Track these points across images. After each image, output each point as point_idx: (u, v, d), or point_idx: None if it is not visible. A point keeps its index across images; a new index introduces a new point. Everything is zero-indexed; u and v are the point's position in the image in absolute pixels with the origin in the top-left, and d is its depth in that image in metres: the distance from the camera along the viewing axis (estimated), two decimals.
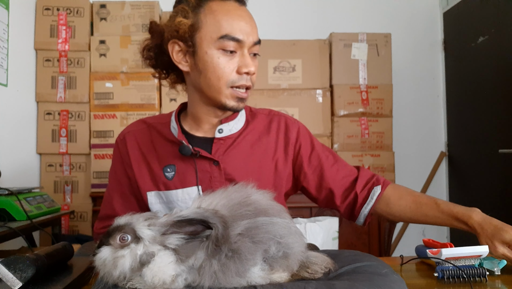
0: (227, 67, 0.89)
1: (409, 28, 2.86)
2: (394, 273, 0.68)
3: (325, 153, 1.03)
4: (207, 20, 0.89)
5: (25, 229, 1.45)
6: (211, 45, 0.89)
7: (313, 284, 0.61)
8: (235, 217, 0.65)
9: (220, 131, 0.97)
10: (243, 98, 0.93)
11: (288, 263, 0.66)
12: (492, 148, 2.36)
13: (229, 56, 0.89)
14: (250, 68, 0.90)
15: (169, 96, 2.32)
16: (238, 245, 0.61)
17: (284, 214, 0.71)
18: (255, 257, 0.62)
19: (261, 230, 0.64)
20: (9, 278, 0.62)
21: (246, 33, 0.89)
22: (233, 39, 0.88)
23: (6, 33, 2.00)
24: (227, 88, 0.90)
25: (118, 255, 0.59)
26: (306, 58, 2.41)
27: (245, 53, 0.90)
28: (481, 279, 0.79)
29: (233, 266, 0.60)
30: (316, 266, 0.69)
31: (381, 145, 2.39)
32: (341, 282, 0.62)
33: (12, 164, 2.03)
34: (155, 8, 2.35)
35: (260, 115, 1.05)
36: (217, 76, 0.89)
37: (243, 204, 0.67)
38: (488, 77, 2.45)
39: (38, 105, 2.28)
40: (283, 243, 0.65)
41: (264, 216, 0.66)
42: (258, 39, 0.93)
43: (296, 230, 0.70)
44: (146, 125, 1.03)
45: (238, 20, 0.89)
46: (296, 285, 0.61)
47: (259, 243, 0.63)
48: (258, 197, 0.70)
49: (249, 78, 0.92)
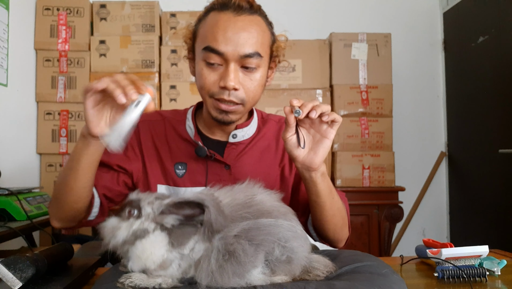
0: (208, 78, 0.88)
1: (409, 28, 2.86)
2: (394, 273, 0.68)
3: None
4: (200, 31, 0.91)
5: (25, 229, 1.45)
6: (200, 55, 0.89)
7: (313, 284, 0.61)
8: (234, 218, 0.65)
9: (234, 136, 0.97)
10: (227, 111, 0.89)
11: (290, 268, 0.65)
12: (492, 148, 2.36)
13: (211, 68, 0.87)
14: (227, 83, 0.85)
15: (169, 96, 2.32)
16: (234, 247, 0.61)
17: (290, 216, 0.70)
18: (255, 259, 0.62)
19: (262, 231, 0.63)
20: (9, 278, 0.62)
21: (232, 45, 0.84)
22: (212, 50, 0.85)
23: (6, 33, 2.00)
24: (209, 98, 0.90)
25: (118, 226, 0.63)
26: (306, 58, 2.41)
27: (230, 67, 0.85)
28: (481, 279, 0.79)
29: (230, 268, 0.60)
30: (318, 271, 0.68)
31: (381, 145, 2.39)
32: (341, 282, 0.62)
33: (12, 164, 2.03)
34: (155, 8, 2.35)
35: (271, 121, 1.06)
36: (200, 86, 0.90)
37: (245, 205, 0.67)
38: (488, 77, 2.45)
39: (38, 105, 2.28)
40: (287, 247, 0.64)
41: (267, 217, 0.65)
42: (254, 52, 0.86)
43: (302, 233, 0.70)
44: (162, 118, 1.03)
45: (224, 32, 0.85)
46: (296, 285, 0.61)
47: (260, 245, 0.62)
48: (264, 198, 0.69)
49: (232, 93, 0.86)
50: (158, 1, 2.37)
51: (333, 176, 2.37)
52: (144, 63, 2.31)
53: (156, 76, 2.31)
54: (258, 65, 0.89)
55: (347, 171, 2.35)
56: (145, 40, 2.33)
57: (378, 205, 2.34)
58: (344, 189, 2.30)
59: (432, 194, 2.88)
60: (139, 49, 2.32)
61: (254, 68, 0.88)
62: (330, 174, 2.38)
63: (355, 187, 2.34)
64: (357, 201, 2.32)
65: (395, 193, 2.36)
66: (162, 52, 2.34)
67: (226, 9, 0.87)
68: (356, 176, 2.35)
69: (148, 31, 2.35)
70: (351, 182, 2.34)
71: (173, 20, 2.38)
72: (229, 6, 0.87)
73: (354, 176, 2.35)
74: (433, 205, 2.89)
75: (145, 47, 2.32)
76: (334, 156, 2.37)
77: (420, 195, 2.86)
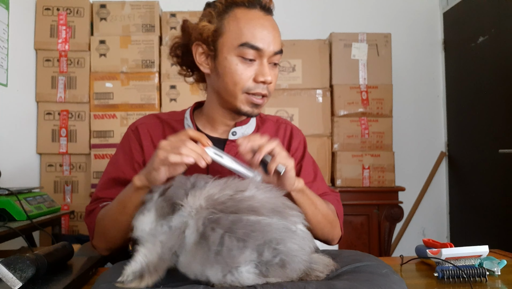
0: (244, 74, 0.91)
1: (409, 28, 2.86)
2: (394, 273, 0.68)
3: (308, 170, 1.05)
4: (230, 27, 0.91)
5: (25, 229, 1.45)
6: (231, 51, 0.91)
7: (313, 284, 0.61)
8: (217, 209, 0.64)
9: (234, 133, 1.00)
10: (258, 105, 0.94)
11: (285, 272, 0.62)
12: (492, 148, 2.36)
13: (247, 64, 0.91)
14: (266, 78, 0.91)
15: (169, 96, 2.32)
16: (208, 234, 0.60)
17: (289, 213, 0.66)
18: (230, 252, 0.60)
19: (242, 228, 0.61)
20: (9, 278, 0.62)
21: (267, 42, 0.90)
22: (252, 47, 0.89)
23: (6, 33, 2.00)
24: (242, 93, 0.92)
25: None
26: (306, 58, 2.41)
27: (264, 62, 0.91)
28: (481, 279, 0.79)
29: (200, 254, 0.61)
30: (317, 272, 0.66)
31: (381, 145, 2.39)
32: (341, 282, 0.62)
33: (12, 164, 2.03)
34: (155, 8, 2.35)
35: (269, 121, 1.09)
36: (233, 82, 0.92)
37: (229, 199, 0.65)
38: (488, 77, 2.45)
39: (38, 105, 2.28)
40: (279, 250, 0.61)
41: (253, 215, 0.62)
42: (280, 49, 0.94)
43: (303, 233, 0.66)
44: (159, 120, 1.05)
45: (261, 29, 0.90)
46: (296, 285, 0.61)
47: (243, 241, 0.60)
48: (256, 194, 0.66)
49: (265, 87, 0.93)
50: (158, 1, 2.37)
51: (333, 176, 2.37)
52: (144, 63, 2.31)
53: (156, 76, 2.31)
54: (279, 61, 0.96)
55: (347, 171, 2.35)
56: (145, 40, 2.33)
57: (378, 205, 2.34)
58: (344, 189, 2.31)
59: (432, 194, 2.88)
60: (139, 49, 2.32)
61: (277, 64, 0.96)
62: (330, 174, 2.38)
63: (355, 187, 2.34)
64: (357, 201, 2.32)
65: (395, 193, 2.36)
66: (162, 52, 2.34)
67: (254, 7, 0.92)
68: (356, 176, 2.35)
69: (148, 31, 2.35)
70: (351, 182, 2.34)
71: (173, 20, 2.38)
72: (256, 4, 0.92)
73: (354, 176, 2.35)
74: (433, 205, 2.89)
75: (145, 47, 2.32)
76: (334, 156, 2.37)
77: (420, 195, 2.86)
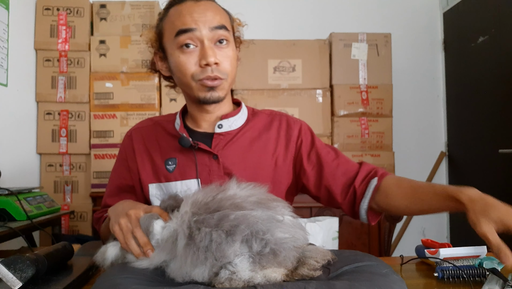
0: (188, 62, 0.91)
1: (409, 28, 2.86)
2: (394, 273, 0.68)
3: (326, 150, 1.02)
4: (166, 25, 0.95)
5: (25, 229, 1.45)
6: (172, 46, 0.93)
7: (313, 284, 0.61)
8: (200, 211, 0.68)
9: (220, 126, 0.99)
10: (213, 87, 0.93)
11: (279, 260, 0.63)
12: (492, 148, 2.36)
13: (189, 53, 0.91)
14: (208, 60, 0.89)
15: (169, 96, 2.32)
16: (195, 234, 0.64)
17: (274, 204, 0.69)
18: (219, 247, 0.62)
19: (228, 222, 0.64)
20: (9, 278, 0.62)
21: (199, 21, 0.90)
22: (184, 31, 0.90)
23: (6, 33, 2.00)
24: (194, 82, 0.93)
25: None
26: (306, 58, 2.41)
27: (205, 45, 0.90)
28: (481, 279, 0.79)
29: (190, 255, 0.64)
30: (312, 260, 0.67)
31: (381, 145, 2.39)
32: (341, 282, 0.62)
33: (12, 164, 2.03)
34: (155, 8, 2.35)
35: (262, 114, 1.07)
36: (182, 73, 0.93)
37: (212, 201, 0.69)
38: (488, 77, 2.45)
39: (38, 105, 2.28)
40: (267, 239, 0.63)
41: (237, 210, 0.66)
42: (220, 24, 0.91)
43: (291, 222, 0.68)
44: (153, 122, 1.08)
45: (190, 14, 0.91)
46: (296, 285, 0.61)
47: (230, 235, 0.63)
48: (236, 191, 0.70)
49: (214, 69, 0.91)
50: (158, 1, 2.37)
51: None
52: (144, 63, 2.31)
53: (156, 76, 2.31)
54: (227, 38, 0.93)
55: None
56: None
57: None
58: None
59: None
60: (139, 49, 2.32)
61: (226, 43, 0.93)
62: None
63: None
64: None
65: None
66: None
67: (185, 0, 0.93)
68: None
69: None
70: None
71: None
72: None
73: None
74: None
75: (145, 47, 2.29)
76: None
77: None
